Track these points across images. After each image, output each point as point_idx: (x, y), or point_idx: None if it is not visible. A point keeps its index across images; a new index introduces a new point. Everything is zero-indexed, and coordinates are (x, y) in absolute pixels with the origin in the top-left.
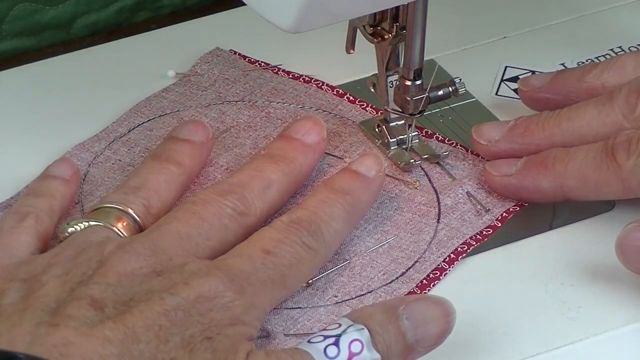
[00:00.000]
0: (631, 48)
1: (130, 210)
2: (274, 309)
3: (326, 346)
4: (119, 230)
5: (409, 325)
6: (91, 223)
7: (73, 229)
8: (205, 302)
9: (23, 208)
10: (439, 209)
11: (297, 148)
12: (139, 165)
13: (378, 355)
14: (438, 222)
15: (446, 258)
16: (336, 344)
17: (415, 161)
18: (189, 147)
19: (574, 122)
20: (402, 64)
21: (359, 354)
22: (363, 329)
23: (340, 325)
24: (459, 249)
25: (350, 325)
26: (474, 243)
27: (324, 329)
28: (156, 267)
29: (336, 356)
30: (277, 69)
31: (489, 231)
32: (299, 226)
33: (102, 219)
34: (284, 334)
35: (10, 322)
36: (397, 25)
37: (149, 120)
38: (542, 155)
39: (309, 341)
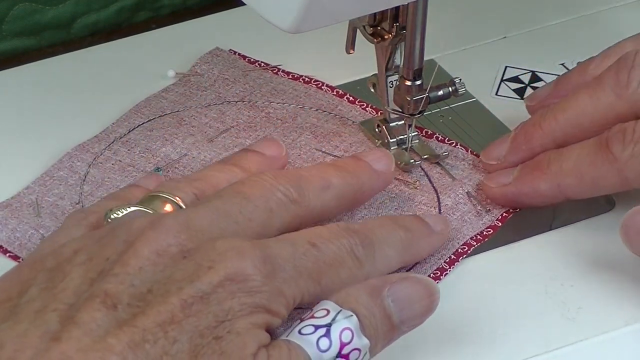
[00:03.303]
0: None
1: (177, 198)
2: None
3: (318, 338)
4: None
5: (395, 307)
6: (132, 208)
7: (115, 216)
8: (229, 286)
9: None
10: (439, 210)
11: (364, 168)
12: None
13: (367, 341)
14: None
15: (447, 259)
16: (327, 335)
17: (415, 161)
18: (258, 156)
19: (569, 113)
20: (402, 64)
21: (349, 343)
22: (352, 315)
23: (328, 311)
24: (459, 249)
25: (339, 312)
26: (475, 243)
27: (312, 316)
28: (185, 245)
29: (328, 348)
30: (277, 69)
31: (489, 231)
32: (353, 234)
33: (145, 205)
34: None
35: (18, 329)
36: (397, 25)
37: (149, 121)
38: (536, 159)
39: (299, 332)
